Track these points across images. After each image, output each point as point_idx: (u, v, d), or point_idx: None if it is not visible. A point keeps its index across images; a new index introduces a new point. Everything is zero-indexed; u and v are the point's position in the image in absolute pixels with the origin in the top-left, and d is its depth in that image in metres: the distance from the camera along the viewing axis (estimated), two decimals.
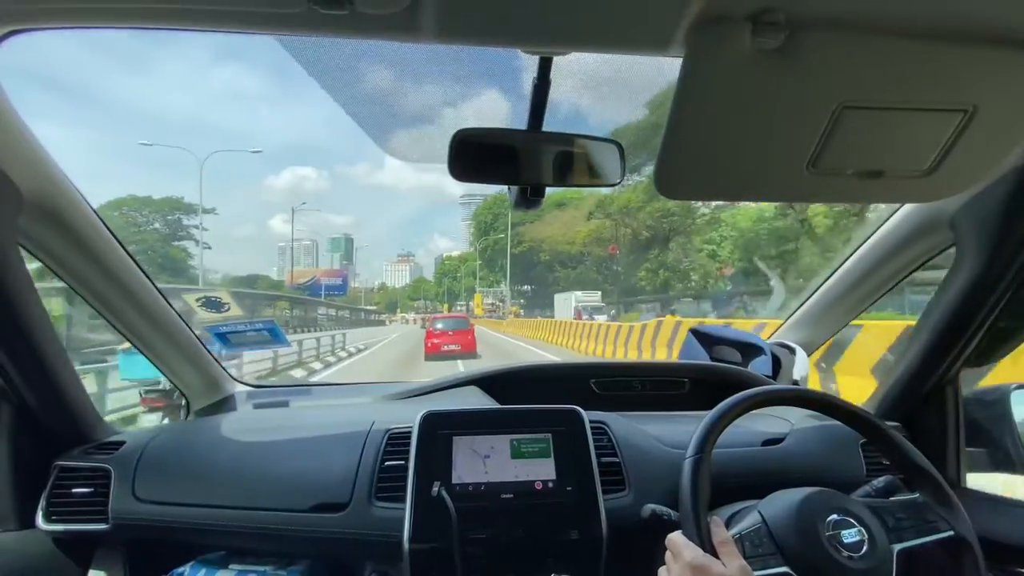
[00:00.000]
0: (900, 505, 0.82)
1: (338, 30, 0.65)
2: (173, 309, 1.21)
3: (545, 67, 0.74)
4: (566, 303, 31.97)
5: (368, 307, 76.94)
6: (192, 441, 1.13)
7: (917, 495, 0.84)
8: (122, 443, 1.08)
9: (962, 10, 0.60)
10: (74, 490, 1.01)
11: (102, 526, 1.00)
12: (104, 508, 1.00)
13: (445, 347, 13.91)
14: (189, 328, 1.26)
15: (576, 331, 14.50)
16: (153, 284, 1.14)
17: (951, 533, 0.78)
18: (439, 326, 14.80)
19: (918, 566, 0.79)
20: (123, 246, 1.06)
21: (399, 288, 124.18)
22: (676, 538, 0.73)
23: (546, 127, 0.81)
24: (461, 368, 1.35)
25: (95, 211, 1.00)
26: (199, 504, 1.00)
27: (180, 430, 1.19)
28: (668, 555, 0.73)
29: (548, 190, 0.84)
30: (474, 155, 0.78)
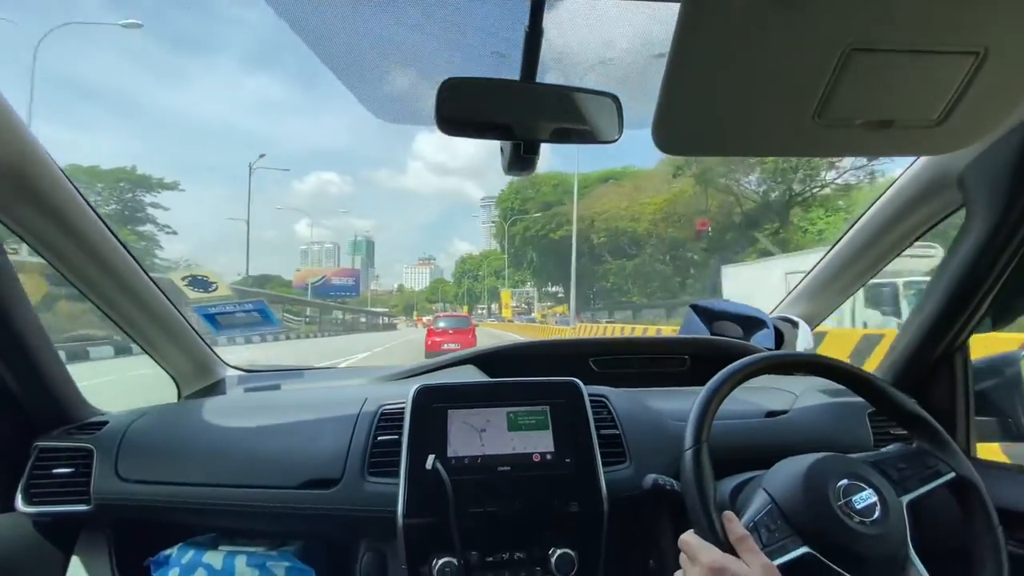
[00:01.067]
0: (900, 456, 0.79)
1: None
2: (160, 290, 1.17)
3: (537, 13, 0.70)
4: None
5: (377, 309, 72.48)
6: (178, 421, 1.10)
7: (916, 444, 0.81)
8: (105, 423, 1.05)
9: None
10: (55, 471, 0.98)
11: (84, 507, 0.96)
12: (86, 489, 0.97)
13: (445, 345, 13.83)
14: (177, 310, 1.23)
15: None
16: (139, 264, 1.10)
17: (953, 475, 0.77)
18: (441, 324, 14.92)
19: (928, 512, 0.77)
20: (106, 224, 1.02)
21: (418, 291, 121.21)
22: (690, 539, 0.68)
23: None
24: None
25: (76, 187, 0.96)
26: (185, 483, 0.96)
27: (167, 411, 1.15)
28: (683, 558, 0.69)
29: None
30: (463, 106, 0.74)
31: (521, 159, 0.82)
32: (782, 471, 0.78)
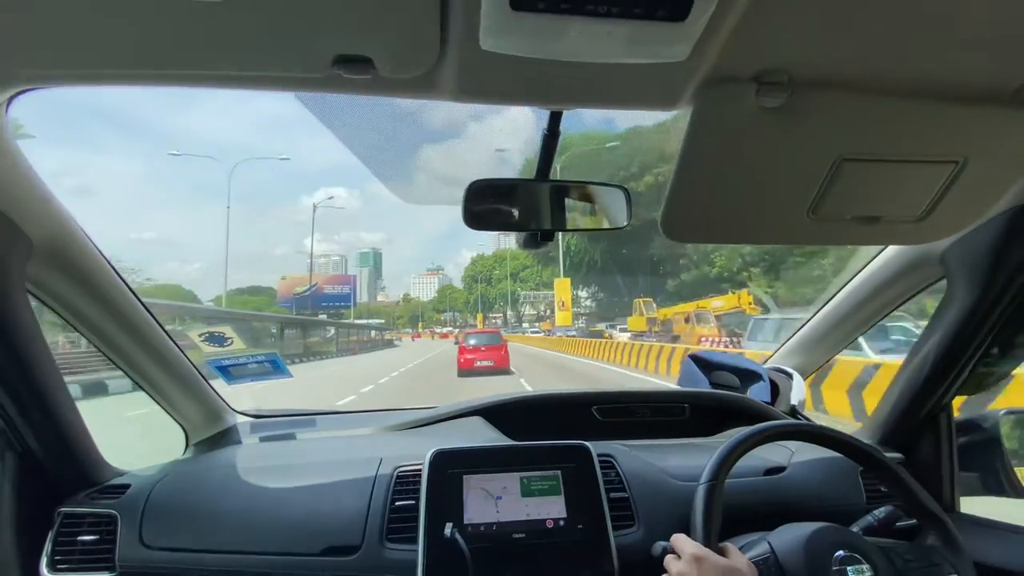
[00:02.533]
0: (908, 547, 0.84)
1: (359, 90, 0.67)
2: (173, 341, 1.21)
3: (555, 120, 0.77)
4: None
5: (370, 322, 62.26)
6: (199, 482, 1.12)
7: (918, 530, 0.86)
8: (127, 486, 1.07)
9: (953, 70, 0.64)
10: (79, 538, 1.00)
11: (109, 574, 0.98)
12: (111, 555, 0.99)
13: (478, 363, 13.56)
14: (189, 360, 1.26)
15: None
16: (155, 319, 1.14)
17: None
18: (472, 342, 14.41)
19: None
20: (127, 285, 1.06)
21: (426, 301, 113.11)
22: (680, 536, 0.77)
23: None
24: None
25: (102, 252, 1.00)
26: (208, 550, 0.99)
27: (186, 470, 1.17)
28: (668, 558, 0.76)
29: None
30: (487, 204, 0.81)
31: (537, 243, 0.88)
32: (786, 532, 0.84)
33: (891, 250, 1.16)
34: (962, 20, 0.56)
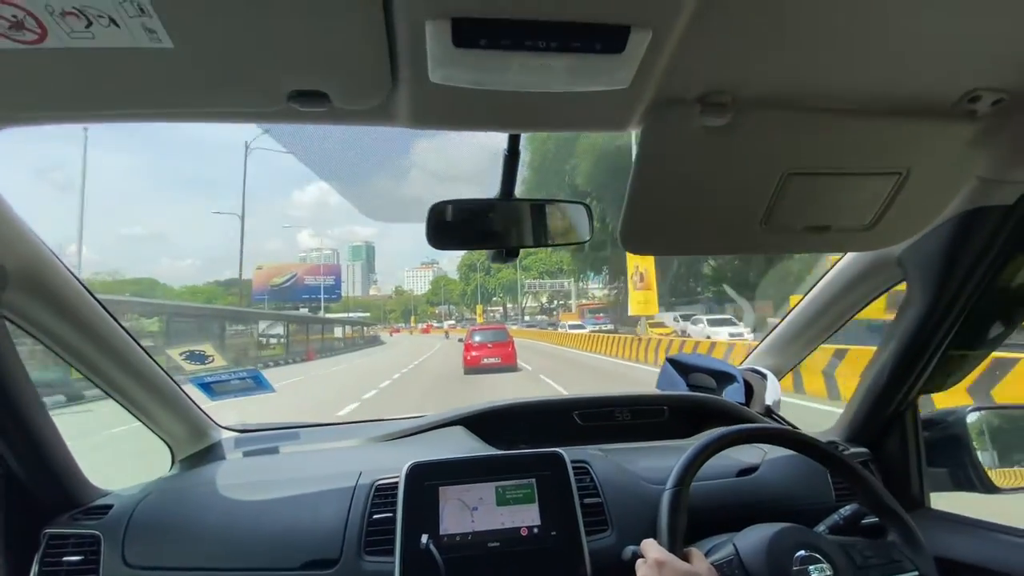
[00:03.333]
0: (868, 544, 0.87)
1: (316, 120, 0.68)
2: (154, 360, 1.22)
3: (515, 141, 0.79)
4: None
5: (351, 316, 54.21)
6: (181, 500, 1.13)
7: (883, 528, 0.89)
8: (110, 507, 1.08)
9: (892, 85, 0.67)
10: (64, 559, 1.01)
11: None
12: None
13: (485, 360, 13.37)
14: (171, 379, 1.27)
15: None
16: (135, 340, 1.15)
17: (915, 573, 0.83)
18: (477, 339, 14.11)
19: None
20: (105, 308, 1.08)
21: (420, 295, 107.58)
22: (647, 542, 0.79)
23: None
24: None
25: (77, 278, 1.01)
26: (190, 567, 1.00)
27: (168, 488, 1.19)
28: (639, 561, 0.79)
29: None
30: (451, 225, 0.83)
31: (504, 258, 0.90)
32: (751, 533, 0.87)
33: (850, 256, 1.19)
34: (899, 36, 0.58)
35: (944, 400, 1.25)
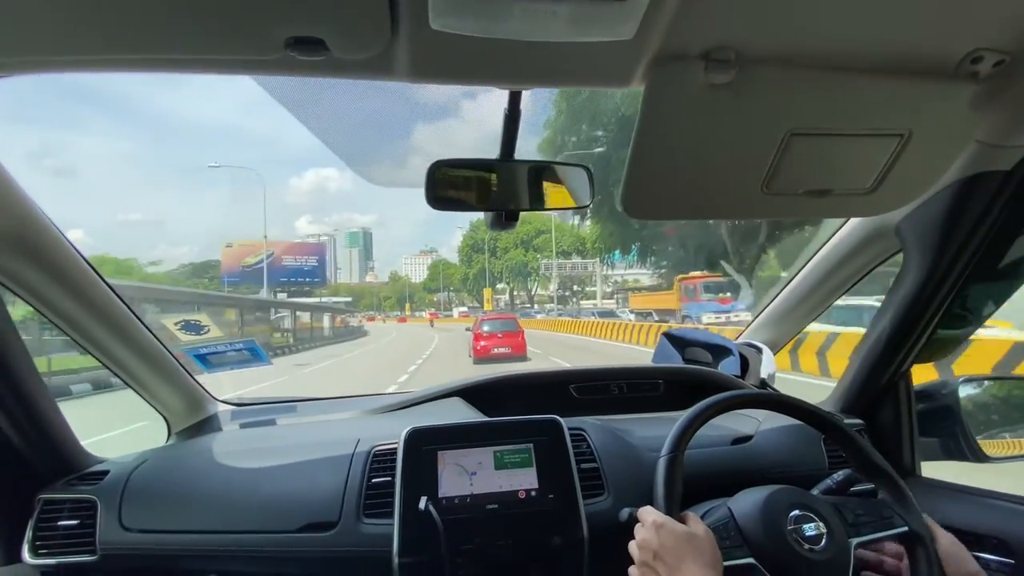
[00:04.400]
0: (860, 503, 0.88)
1: (314, 72, 0.67)
2: (150, 331, 1.21)
3: (515, 100, 0.78)
4: None
5: (325, 301, 43.55)
6: (178, 466, 1.14)
7: (876, 493, 0.90)
8: (106, 472, 1.08)
9: (897, 44, 0.66)
10: (60, 523, 1.01)
11: (90, 557, 1.00)
12: (92, 539, 1.00)
13: (496, 349, 13.12)
14: (167, 350, 1.26)
15: None
16: (130, 309, 1.14)
17: (905, 528, 0.84)
18: (486, 328, 13.92)
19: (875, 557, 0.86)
20: (100, 275, 1.07)
21: (418, 283, 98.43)
22: (644, 508, 0.80)
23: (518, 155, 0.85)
24: None
25: (71, 243, 1.00)
26: (187, 530, 1.01)
27: (165, 456, 1.19)
28: (637, 526, 0.79)
29: None
30: (450, 185, 0.82)
31: (503, 223, 0.90)
32: (746, 495, 0.87)
33: (850, 224, 1.19)
34: None
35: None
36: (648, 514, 0.78)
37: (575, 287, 46.21)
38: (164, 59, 0.63)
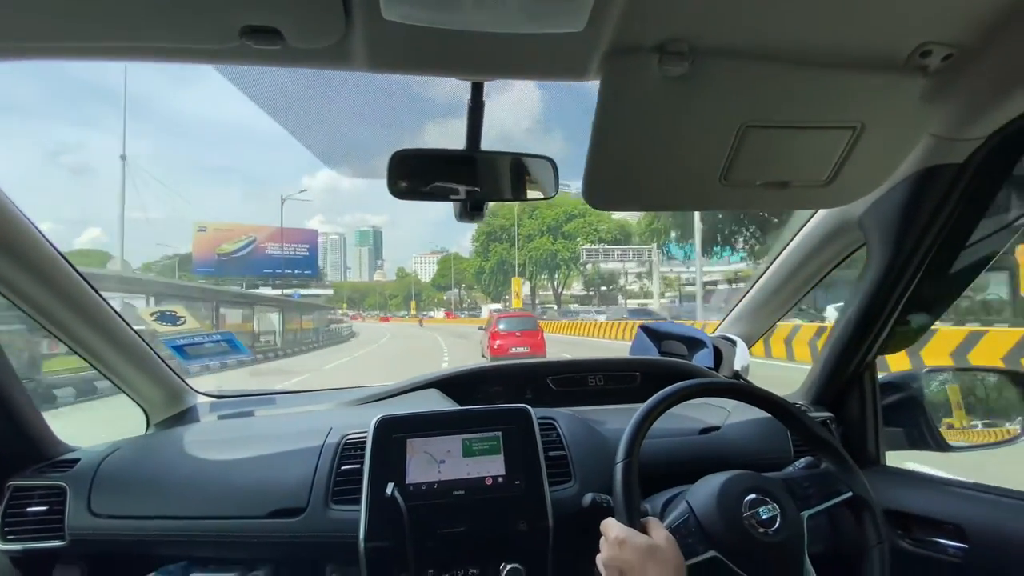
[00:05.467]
0: (807, 476, 0.91)
1: (270, 61, 0.68)
2: (125, 322, 1.22)
3: (477, 91, 0.79)
4: None
5: (311, 291, 40.29)
6: (150, 455, 1.14)
7: (823, 466, 0.93)
8: (77, 460, 1.09)
9: (848, 37, 0.68)
10: (29, 509, 1.02)
11: (59, 543, 1.01)
12: (60, 525, 1.01)
13: (513, 349, 12.49)
14: (144, 341, 1.27)
15: None
16: (103, 298, 1.15)
17: (850, 494, 0.88)
18: (502, 326, 13.31)
19: (826, 526, 0.88)
20: (69, 263, 1.07)
21: (427, 282, 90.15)
22: (608, 522, 0.80)
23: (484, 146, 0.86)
24: None
25: (40, 232, 1.00)
26: (157, 516, 1.02)
27: (138, 444, 1.20)
28: (602, 540, 0.79)
29: None
30: (412, 174, 0.83)
31: (470, 212, 0.91)
32: (702, 486, 0.89)
33: (816, 218, 1.21)
34: None
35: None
36: (610, 529, 0.78)
37: (609, 286, 41.32)
38: (118, 47, 0.64)
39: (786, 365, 8.85)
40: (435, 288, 77.15)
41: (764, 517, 0.82)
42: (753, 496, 0.83)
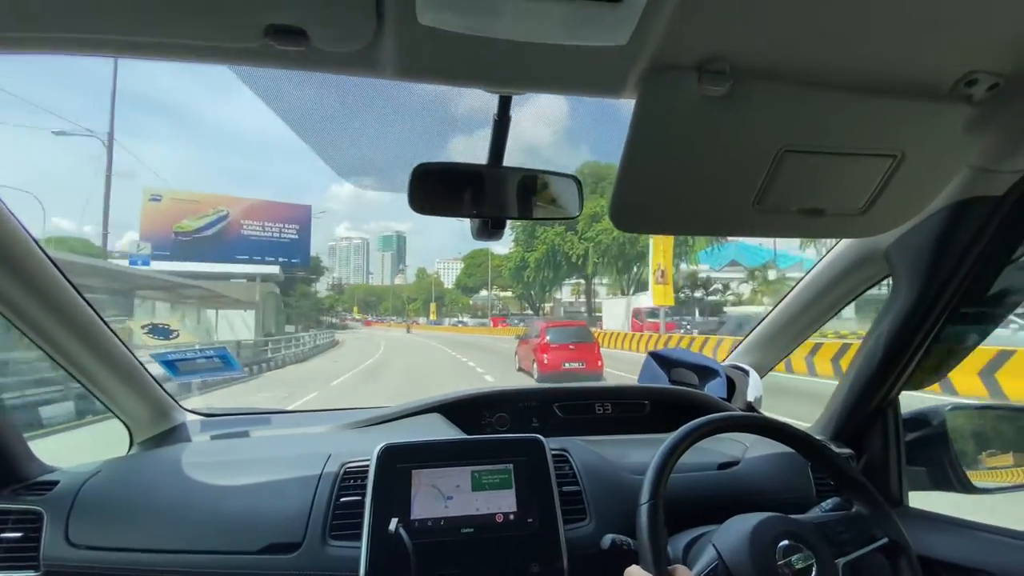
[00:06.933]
0: (841, 519, 0.86)
1: (294, 64, 0.64)
2: (114, 333, 1.15)
3: (505, 105, 0.76)
4: None
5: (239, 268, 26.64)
6: (135, 478, 1.07)
7: (855, 509, 0.88)
8: (56, 483, 1.01)
9: (891, 64, 0.65)
10: (2, 535, 0.94)
11: (33, 573, 0.93)
12: (35, 554, 0.93)
13: (566, 364, 10.85)
14: (131, 353, 1.20)
15: None
16: (91, 306, 1.09)
17: (886, 540, 0.84)
18: (551, 338, 11.40)
19: (862, 573, 0.83)
20: (60, 269, 1.01)
21: (449, 288, 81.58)
22: (632, 570, 0.74)
23: (507, 162, 0.82)
24: None
25: (31, 235, 0.95)
26: (139, 549, 0.94)
27: (122, 466, 1.12)
28: None
29: None
30: (434, 189, 0.79)
31: (489, 232, 0.87)
32: (730, 529, 0.84)
33: (839, 248, 1.18)
34: (900, 12, 0.57)
35: None
36: None
37: (703, 289, 29.17)
38: (137, 42, 0.60)
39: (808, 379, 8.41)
40: (460, 290, 64.59)
41: (799, 566, 0.77)
42: (787, 543, 0.78)
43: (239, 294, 20.29)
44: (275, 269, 27.84)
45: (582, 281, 36.96)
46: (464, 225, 0.87)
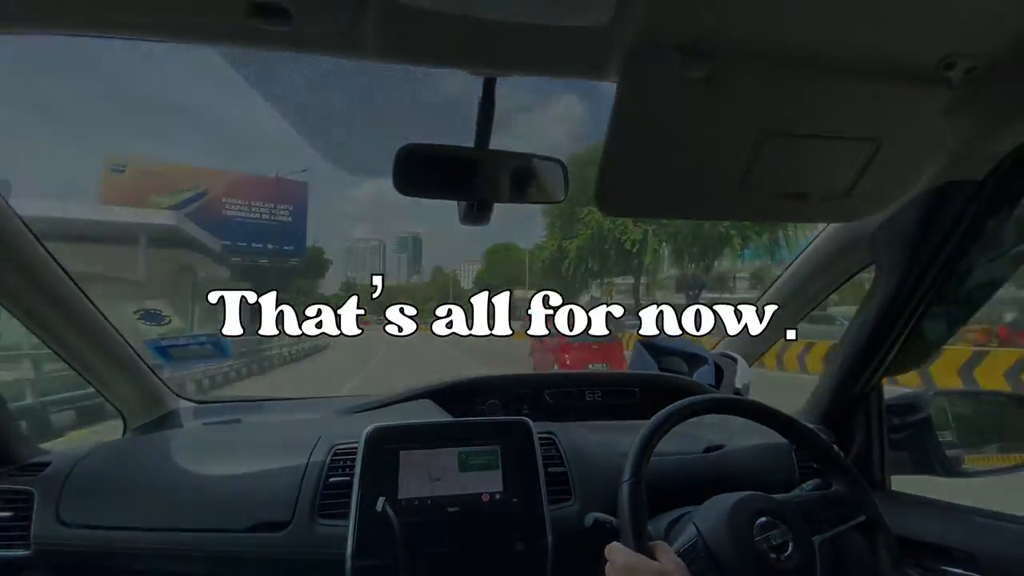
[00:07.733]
0: (820, 498, 0.87)
1: (278, 45, 0.65)
2: (106, 319, 1.16)
3: (489, 88, 0.76)
4: None
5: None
6: (126, 461, 1.08)
7: (834, 488, 0.90)
8: (47, 464, 1.03)
9: (869, 46, 0.66)
10: None
11: (23, 552, 0.94)
12: (26, 533, 0.94)
13: (590, 366, 9.75)
14: (124, 340, 1.21)
15: None
16: (84, 293, 1.09)
17: (863, 517, 0.85)
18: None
19: (839, 552, 0.85)
20: (51, 255, 1.02)
21: (467, 290, 74.14)
22: (613, 546, 0.75)
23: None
24: None
25: (23, 220, 0.95)
26: (129, 527, 0.95)
27: (114, 449, 1.13)
28: (608, 566, 0.75)
29: None
30: (419, 170, 0.80)
31: (475, 215, 0.87)
32: (710, 507, 0.85)
33: (824, 235, 1.19)
34: None
35: None
36: (617, 554, 0.74)
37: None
38: (117, 20, 0.60)
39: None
40: (479, 288, 55.12)
41: (776, 542, 0.78)
42: (764, 520, 0.80)
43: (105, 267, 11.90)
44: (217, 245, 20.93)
45: (618, 281, 28.71)
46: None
